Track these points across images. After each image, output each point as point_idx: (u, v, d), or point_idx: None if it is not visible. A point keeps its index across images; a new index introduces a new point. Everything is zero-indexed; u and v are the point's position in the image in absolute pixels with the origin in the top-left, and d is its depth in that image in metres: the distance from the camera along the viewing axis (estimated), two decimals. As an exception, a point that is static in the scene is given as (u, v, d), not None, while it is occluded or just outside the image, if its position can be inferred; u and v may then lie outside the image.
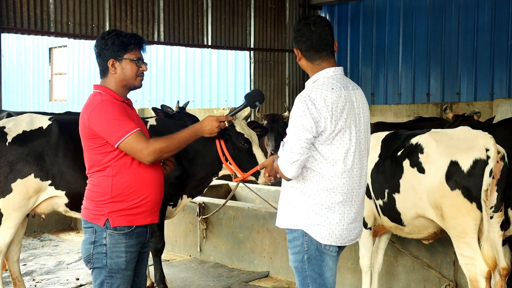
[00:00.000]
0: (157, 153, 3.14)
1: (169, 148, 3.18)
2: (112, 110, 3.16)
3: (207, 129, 3.28)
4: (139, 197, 3.23)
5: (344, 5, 13.00)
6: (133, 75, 3.29)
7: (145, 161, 3.16)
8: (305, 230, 3.04)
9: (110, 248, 3.20)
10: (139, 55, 3.31)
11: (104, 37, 3.28)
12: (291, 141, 2.94)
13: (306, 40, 3.07)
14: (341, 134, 3.00)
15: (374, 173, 4.45)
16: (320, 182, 3.01)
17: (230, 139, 5.12)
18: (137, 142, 3.11)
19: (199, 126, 3.29)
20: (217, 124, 3.29)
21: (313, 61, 3.11)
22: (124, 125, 3.12)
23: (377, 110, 12.21)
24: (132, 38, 3.28)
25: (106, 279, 3.22)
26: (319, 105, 2.94)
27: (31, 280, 6.06)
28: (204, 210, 6.75)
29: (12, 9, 8.78)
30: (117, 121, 3.13)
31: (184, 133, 3.25)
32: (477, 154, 3.95)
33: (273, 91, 12.57)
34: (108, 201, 3.20)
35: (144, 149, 3.11)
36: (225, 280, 6.05)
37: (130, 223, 3.23)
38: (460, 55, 11.25)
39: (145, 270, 3.51)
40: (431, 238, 4.52)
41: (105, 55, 3.26)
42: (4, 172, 4.66)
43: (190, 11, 11.01)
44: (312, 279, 3.07)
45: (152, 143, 3.14)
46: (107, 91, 3.26)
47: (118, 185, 3.20)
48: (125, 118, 3.16)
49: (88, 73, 17.06)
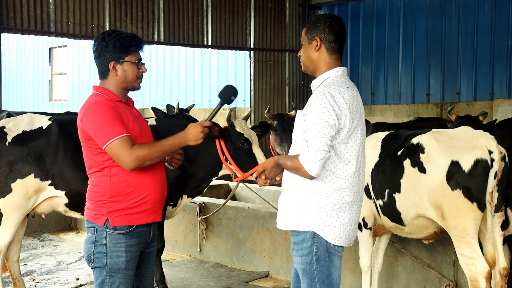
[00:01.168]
0: (139, 160, 3.12)
1: (151, 156, 3.15)
2: (103, 112, 3.16)
3: (191, 136, 3.26)
4: (138, 196, 3.23)
5: (344, 5, 13.01)
6: (134, 77, 3.31)
7: (126, 168, 3.15)
8: (316, 231, 3.00)
9: (110, 248, 3.21)
10: (139, 57, 3.32)
11: (104, 38, 3.27)
12: (316, 138, 2.87)
13: (334, 33, 3.07)
14: (355, 133, 3.00)
15: (374, 173, 4.45)
16: (334, 182, 2.99)
17: (230, 139, 5.12)
18: (121, 148, 3.10)
19: (183, 135, 3.26)
20: (201, 130, 3.26)
21: (333, 54, 3.10)
22: (112, 129, 3.12)
23: (377, 110, 12.20)
24: (133, 40, 3.29)
25: (106, 279, 3.23)
26: (339, 101, 2.93)
27: (31, 280, 6.06)
28: (204, 210, 6.75)
29: (12, 9, 8.78)
30: (106, 124, 3.13)
31: (168, 141, 3.22)
32: (478, 154, 3.95)
33: (273, 91, 12.57)
34: (107, 201, 3.21)
35: (127, 156, 3.10)
36: (225, 280, 6.05)
37: (130, 223, 3.23)
38: (460, 55, 11.25)
39: (152, 270, 3.50)
40: (431, 238, 4.51)
41: (106, 57, 3.26)
42: (4, 172, 4.66)
43: (190, 11, 11.01)
44: (320, 281, 3.04)
45: (135, 150, 3.11)
46: (104, 92, 3.28)
47: (116, 185, 3.20)
48: (115, 121, 3.14)
49: (88, 73, 17.06)
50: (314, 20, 3.14)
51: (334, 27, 3.08)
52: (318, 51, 3.10)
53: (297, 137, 3.07)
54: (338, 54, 3.12)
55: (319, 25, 3.09)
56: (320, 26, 3.08)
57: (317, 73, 3.14)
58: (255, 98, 12.23)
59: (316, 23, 3.10)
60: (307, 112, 2.99)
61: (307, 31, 3.13)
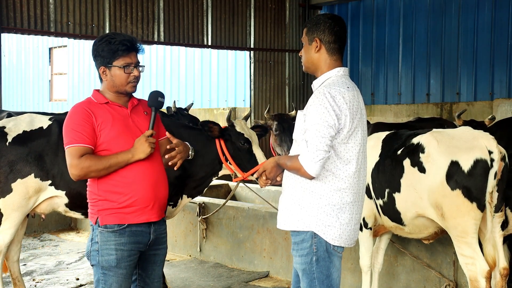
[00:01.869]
0: (83, 170, 3.20)
1: (96, 168, 3.21)
2: (71, 117, 3.27)
3: (138, 151, 3.27)
4: (125, 196, 3.26)
5: (344, 5, 13.01)
6: (123, 82, 3.33)
7: (72, 177, 3.26)
8: (316, 232, 3.00)
9: (101, 246, 3.26)
10: (128, 61, 3.31)
11: (96, 43, 3.34)
12: (316, 138, 2.88)
13: (334, 33, 3.07)
14: (355, 133, 3.00)
15: (374, 173, 4.45)
16: (334, 182, 2.99)
17: (230, 139, 5.12)
18: (70, 156, 3.21)
19: (132, 150, 3.28)
20: (145, 140, 3.28)
21: (333, 55, 3.10)
22: (71, 136, 3.22)
23: (377, 110, 12.20)
24: (121, 45, 3.28)
25: (100, 276, 3.28)
26: (339, 101, 2.93)
27: (31, 280, 6.06)
28: (204, 210, 6.75)
29: (12, 9, 8.78)
30: (69, 129, 3.25)
31: (117, 157, 3.25)
32: (478, 154, 3.95)
33: (273, 91, 12.57)
34: (97, 199, 3.29)
35: (73, 166, 3.21)
36: (225, 280, 6.05)
37: (121, 221, 3.26)
38: (460, 55, 11.25)
39: (158, 272, 3.49)
40: (431, 238, 4.52)
41: (97, 62, 3.35)
42: (4, 172, 4.66)
43: (190, 11, 11.01)
44: (320, 281, 3.04)
45: (82, 161, 3.19)
46: (94, 94, 3.38)
47: (103, 184, 3.27)
48: (78, 128, 3.22)
49: (88, 73, 17.06)
50: (314, 20, 3.13)
51: (334, 28, 3.08)
52: (318, 52, 3.10)
53: (298, 138, 3.07)
54: (339, 55, 3.12)
55: (319, 26, 3.09)
56: (320, 27, 3.08)
57: (318, 74, 3.14)
58: (255, 98, 12.23)
59: (316, 23, 3.10)
60: (307, 112, 2.99)
61: (308, 31, 3.13)
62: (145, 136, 3.30)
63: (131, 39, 3.35)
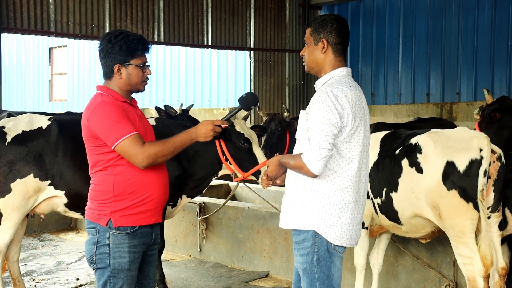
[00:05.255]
0: (151, 158, 3.13)
1: (163, 153, 3.16)
2: (111, 111, 3.16)
3: (201, 133, 3.27)
4: (141, 196, 3.23)
5: (344, 5, 13.00)
6: (139, 81, 3.31)
7: (139, 166, 3.16)
8: (317, 231, 3.00)
9: (113, 248, 3.20)
10: (144, 60, 3.32)
11: (111, 40, 3.25)
12: (318, 136, 2.88)
13: (340, 35, 3.08)
14: (357, 132, 3.00)
15: (373, 172, 4.46)
16: (336, 181, 2.98)
17: (230, 138, 5.12)
18: (132, 146, 3.11)
19: (194, 131, 3.28)
20: (212, 127, 3.27)
21: (338, 56, 3.11)
22: (122, 128, 3.12)
23: (377, 110, 12.21)
24: (139, 44, 3.27)
25: (109, 279, 3.23)
26: (342, 100, 2.93)
27: (31, 280, 6.06)
28: (204, 210, 6.75)
29: (12, 9, 8.79)
30: (115, 123, 3.13)
31: (179, 138, 3.24)
32: (473, 155, 3.96)
33: (273, 91, 12.57)
34: (110, 200, 3.21)
35: (139, 154, 3.11)
36: (225, 280, 6.05)
37: (133, 223, 3.23)
38: (460, 55, 11.24)
39: (154, 272, 3.50)
40: (428, 238, 4.52)
41: (111, 59, 3.26)
42: (3, 172, 4.66)
43: (190, 11, 11.02)
44: (320, 281, 3.04)
45: (147, 147, 3.13)
46: (109, 92, 3.28)
47: (120, 183, 3.20)
48: (124, 120, 3.15)
49: (88, 73, 17.06)
50: (320, 21, 3.12)
51: (341, 30, 3.09)
52: (324, 53, 3.10)
53: (300, 137, 3.07)
54: (343, 56, 3.13)
55: (325, 27, 3.08)
56: (327, 28, 3.08)
57: (322, 74, 3.13)
58: (255, 98, 12.22)
59: (322, 24, 3.09)
60: (309, 111, 3.00)
61: (313, 31, 3.11)
62: (213, 124, 3.28)
63: (145, 39, 3.35)
